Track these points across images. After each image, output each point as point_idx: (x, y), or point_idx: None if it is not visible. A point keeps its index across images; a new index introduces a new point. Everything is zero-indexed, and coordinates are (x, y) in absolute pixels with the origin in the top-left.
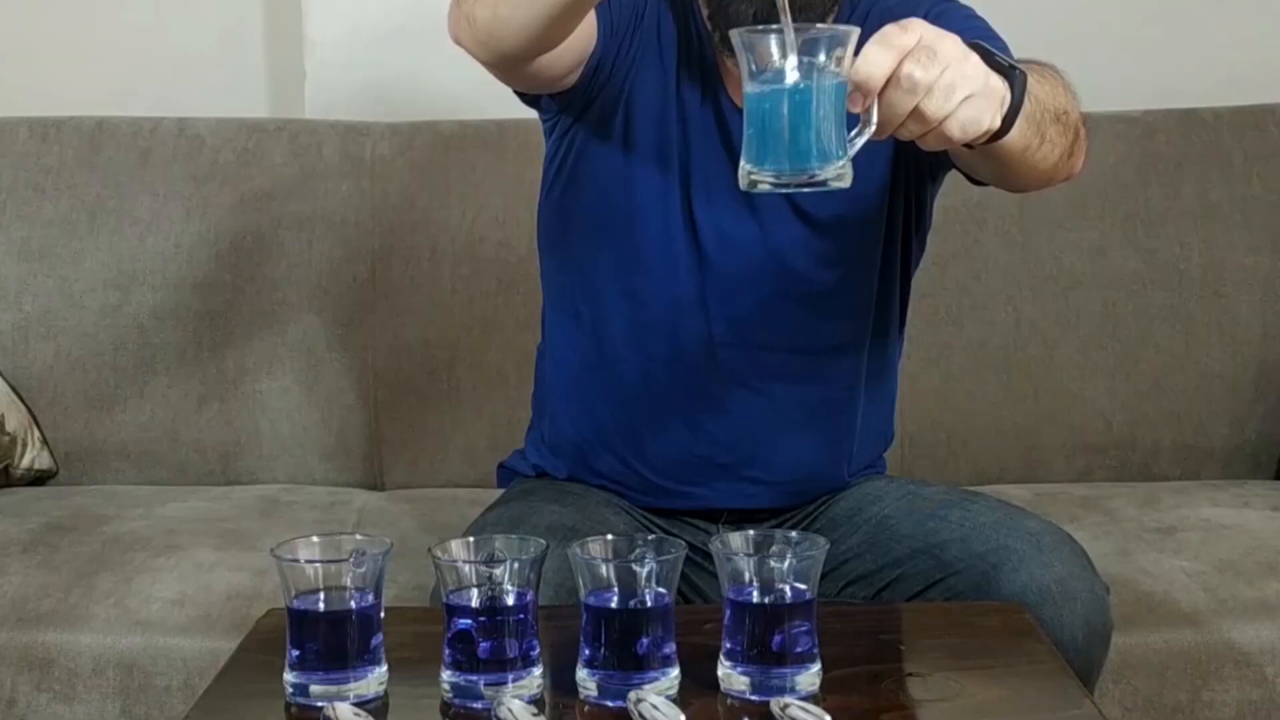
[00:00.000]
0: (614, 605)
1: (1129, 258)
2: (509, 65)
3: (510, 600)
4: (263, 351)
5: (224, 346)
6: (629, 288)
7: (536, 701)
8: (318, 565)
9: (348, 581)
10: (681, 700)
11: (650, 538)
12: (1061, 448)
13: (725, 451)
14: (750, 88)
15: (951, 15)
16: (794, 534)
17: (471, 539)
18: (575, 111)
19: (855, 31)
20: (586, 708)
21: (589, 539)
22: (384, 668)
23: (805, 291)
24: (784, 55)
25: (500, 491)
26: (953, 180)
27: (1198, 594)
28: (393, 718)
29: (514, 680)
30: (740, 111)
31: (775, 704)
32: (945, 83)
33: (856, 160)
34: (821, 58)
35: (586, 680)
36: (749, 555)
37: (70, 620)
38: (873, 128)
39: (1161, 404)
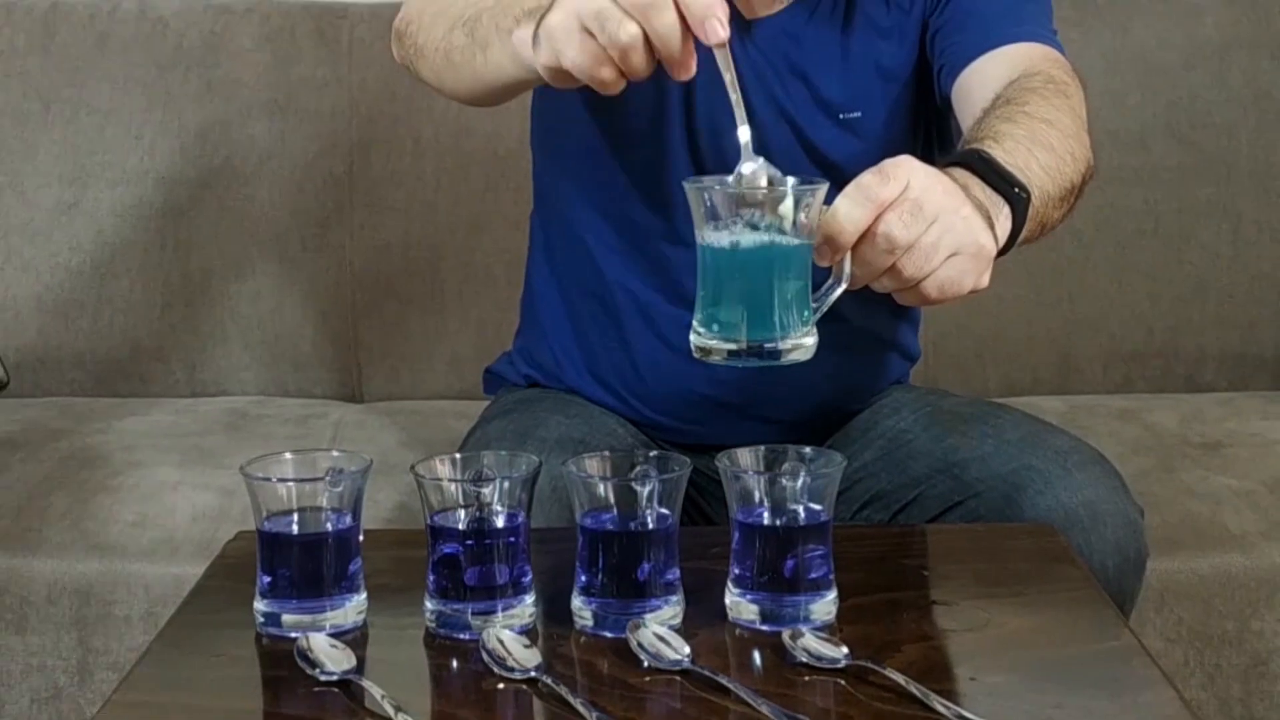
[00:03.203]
0: (612, 527)
1: (1172, 150)
2: None
3: (500, 522)
4: (231, 252)
5: (189, 247)
6: (619, 210)
7: (528, 632)
8: (291, 484)
9: (324, 502)
10: (686, 631)
11: (653, 453)
12: (1098, 356)
13: (733, 391)
14: (703, 240)
15: None
16: (808, 449)
17: (458, 455)
18: None
19: (823, 187)
20: (583, 639)
21: (585, 454)
22: (363, 595)
23: None
24: (740, 213)
25: (488, 400)
26: None
27: (1246, 515)
28: (372, 650)
29: (504, 609)
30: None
31: (788, 635)
32: (928, 241)
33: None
34: (784, 217)
35: (582, 609)
36: (759, 473)
37: (22, 544)
38: (844, 286)
39: (1207, 308)
